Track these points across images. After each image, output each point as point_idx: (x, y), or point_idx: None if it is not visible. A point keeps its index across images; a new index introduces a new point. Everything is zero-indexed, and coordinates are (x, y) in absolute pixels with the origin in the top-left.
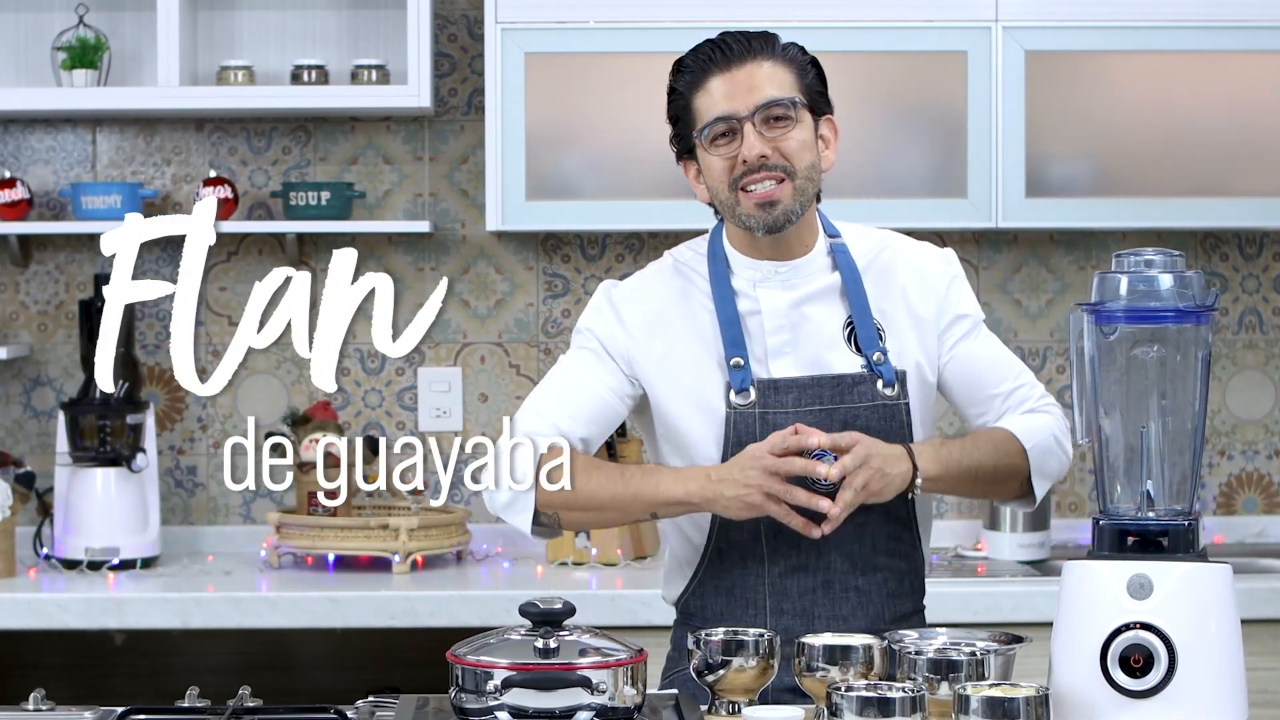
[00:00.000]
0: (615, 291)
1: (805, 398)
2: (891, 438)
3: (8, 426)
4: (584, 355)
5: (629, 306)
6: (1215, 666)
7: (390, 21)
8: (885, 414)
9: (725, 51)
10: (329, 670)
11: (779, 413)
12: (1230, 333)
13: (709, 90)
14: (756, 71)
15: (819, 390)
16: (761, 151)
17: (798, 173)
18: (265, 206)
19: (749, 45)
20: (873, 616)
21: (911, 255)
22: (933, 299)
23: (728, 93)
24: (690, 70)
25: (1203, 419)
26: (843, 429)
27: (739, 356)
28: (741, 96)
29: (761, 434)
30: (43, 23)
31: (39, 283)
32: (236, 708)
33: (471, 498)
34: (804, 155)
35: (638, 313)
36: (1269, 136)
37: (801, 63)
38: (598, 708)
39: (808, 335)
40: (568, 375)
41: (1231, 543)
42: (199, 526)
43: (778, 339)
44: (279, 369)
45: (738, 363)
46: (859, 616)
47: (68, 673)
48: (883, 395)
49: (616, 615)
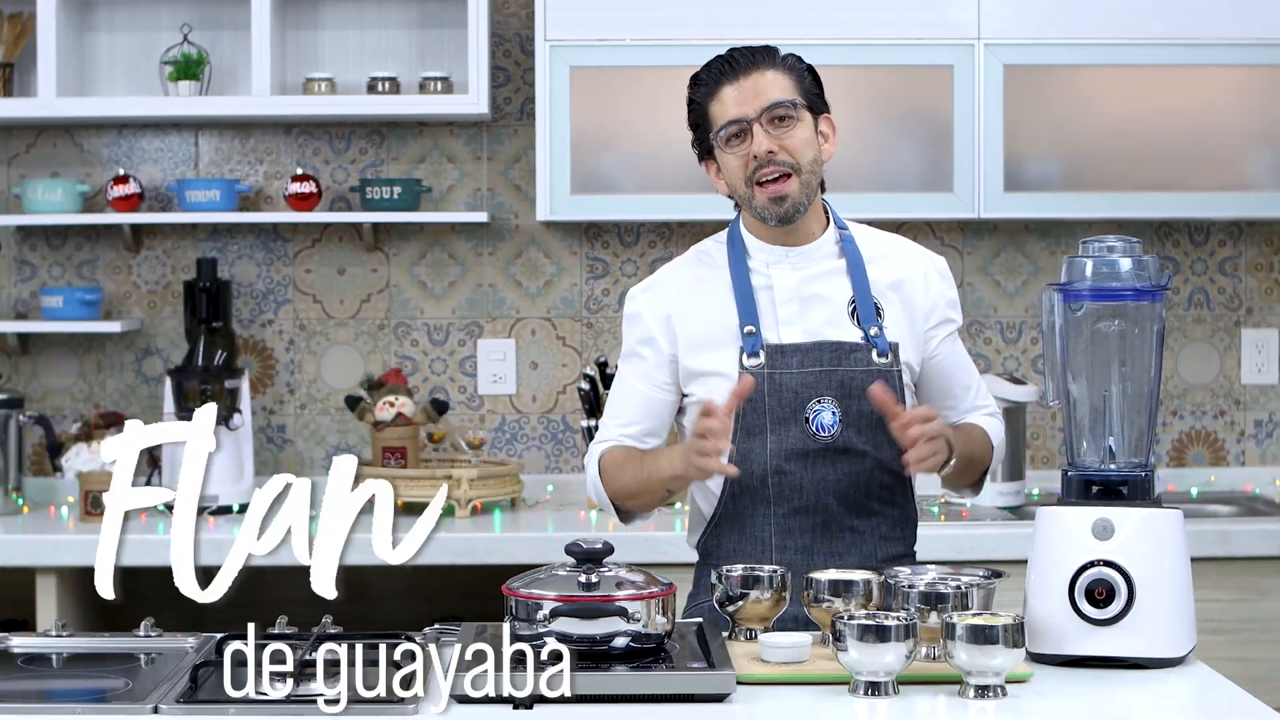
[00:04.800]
0: (636, 290)
1: (808, 360)
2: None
3: (122, 390)
4: (630, 365)
5: (652, 293)
6: (1168, 598)
7: (453, 39)
8: (878, 378)
9: (733, 64)
10: (400, 602)
11: (784, 373)
12: (1181, 309)
13: (721, 98)
14: (761, 79)
15: (820, 354)
16: (769, 148)
17: (802, 168)
18: (345, 200)
19: (753, 57)
20: (865, 555)
21: (913, 256)
22: (928, 297)
23: (738, 99)
24: (704, 83)
25: (1157, 384)
26: (840, 390)
27: (751, 325)
28: (749, 101)
29: (770, 394)
30: (152, 41)
31: (149, 266)
32: (320, 634)
33: (524, 452)
34: (806, 151)
35: (660, 297)
36: (1215, 139)
37: (799, 69)
38: (633, 634)
39: (814, 309)
40: (621, 386)
41: (1181, 491)
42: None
43: (787, 310)
44: (356, 340)
45: (750, 330)
46: (853, 554)
47: (173, 604)
48: (876, 363)
49: (649, 554)
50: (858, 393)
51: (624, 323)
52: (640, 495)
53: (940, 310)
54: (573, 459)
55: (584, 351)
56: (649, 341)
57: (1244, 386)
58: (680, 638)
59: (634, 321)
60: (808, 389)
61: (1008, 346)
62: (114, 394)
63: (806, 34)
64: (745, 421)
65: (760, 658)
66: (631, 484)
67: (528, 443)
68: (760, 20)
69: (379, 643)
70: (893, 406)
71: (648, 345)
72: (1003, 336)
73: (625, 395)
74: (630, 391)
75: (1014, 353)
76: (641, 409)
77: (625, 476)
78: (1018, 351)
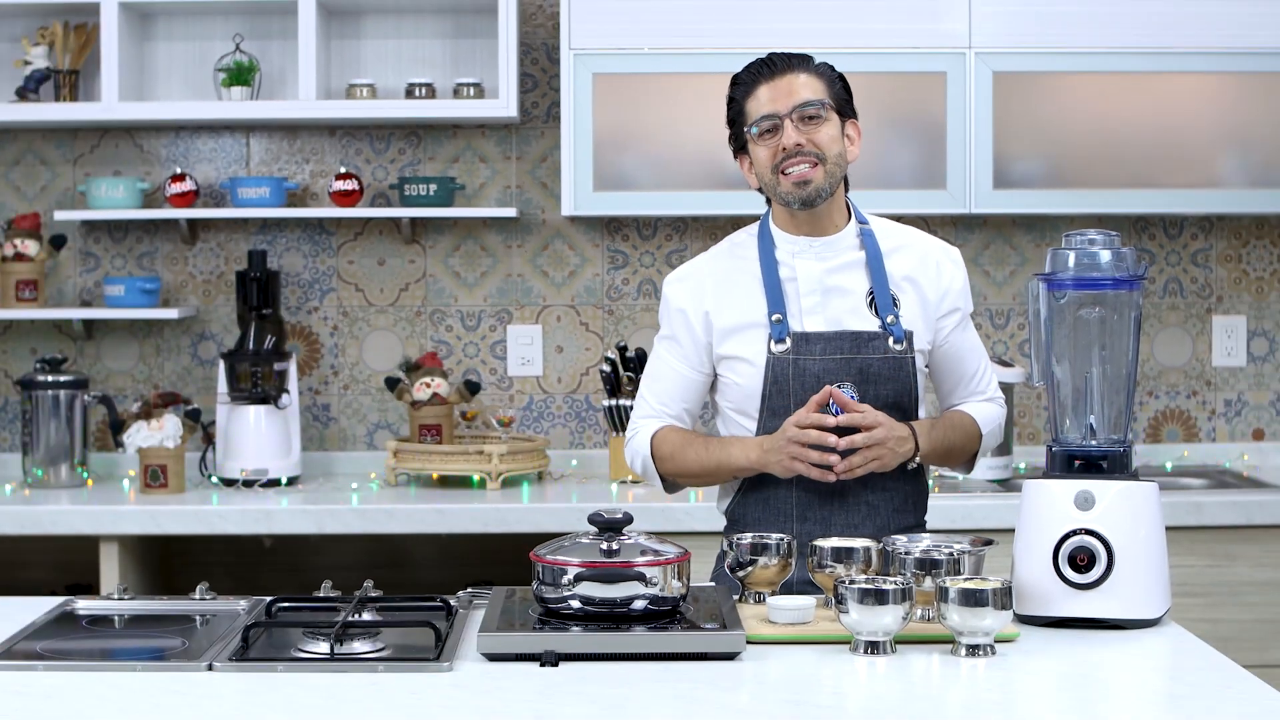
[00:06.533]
0: (674, 278)
1: (830, 348)
2: (898, 385)
3: (179, 373)
4: (665, 345)
5: (689, 284)
6: (1144, 564)
7: (485, 48)
8: (895, 365)
9: (770, 66)
10: (435, 568)
11: (808, 359)
12: (1156, 297)
13: (757, 96)
14: (795, 80)
15: (841, 343)
16: (798, 141)
17: (828, 159)
18: (385, 196)
19: (789, 61)
20: (879, 526)
21: (928, 248)
22: (940, 286)
23: (771, 97)
24: (743, 82)
25: (1135, 366)
26: (859, 376)
27: (779, 313)
28: (782, 99)
29: (794, 377)
30: (206, 50)
31: (204, 257)
32: (362, 597)
33: (550, 430)
34: (833, 146)
35: (697, 288)
36: (1188, 141)
37: (831, 76)
38: (651, 597)
39: (835, 299)
40: (658, 365)
41: (1157, 465)
42: (332, 452)
43: (810, 300)
44: (395, 326)
45: (778, 318)
46: (868, 525)
47: (226, 570)
48: (893, 350)
49: (666, 523)
50: (875, 378)
51: (661, 305)
52: (702, 476)
53: (951, 299)
54: (595, 435)
55: (605, 336)
56: (687, 328)
57: (1214, 369)
58: (695, 600)
59: (672, 309)
60: (829, 374)
61: (997, 332)
62: (171, 376)
63: (811, 44)
64: (772, 403)
65: (768, 619)
66: (694, 466)
67: (553, 420)
68: (768, 31)
69: (416, 605)
70: (856, 406)
71: (685, 331)
72: (992, 323)
73: (663, 374)
74: (668, 371)
75: (1002, 338)
76: (679, 389)
77: (686, 459)
78: (1005, 336)
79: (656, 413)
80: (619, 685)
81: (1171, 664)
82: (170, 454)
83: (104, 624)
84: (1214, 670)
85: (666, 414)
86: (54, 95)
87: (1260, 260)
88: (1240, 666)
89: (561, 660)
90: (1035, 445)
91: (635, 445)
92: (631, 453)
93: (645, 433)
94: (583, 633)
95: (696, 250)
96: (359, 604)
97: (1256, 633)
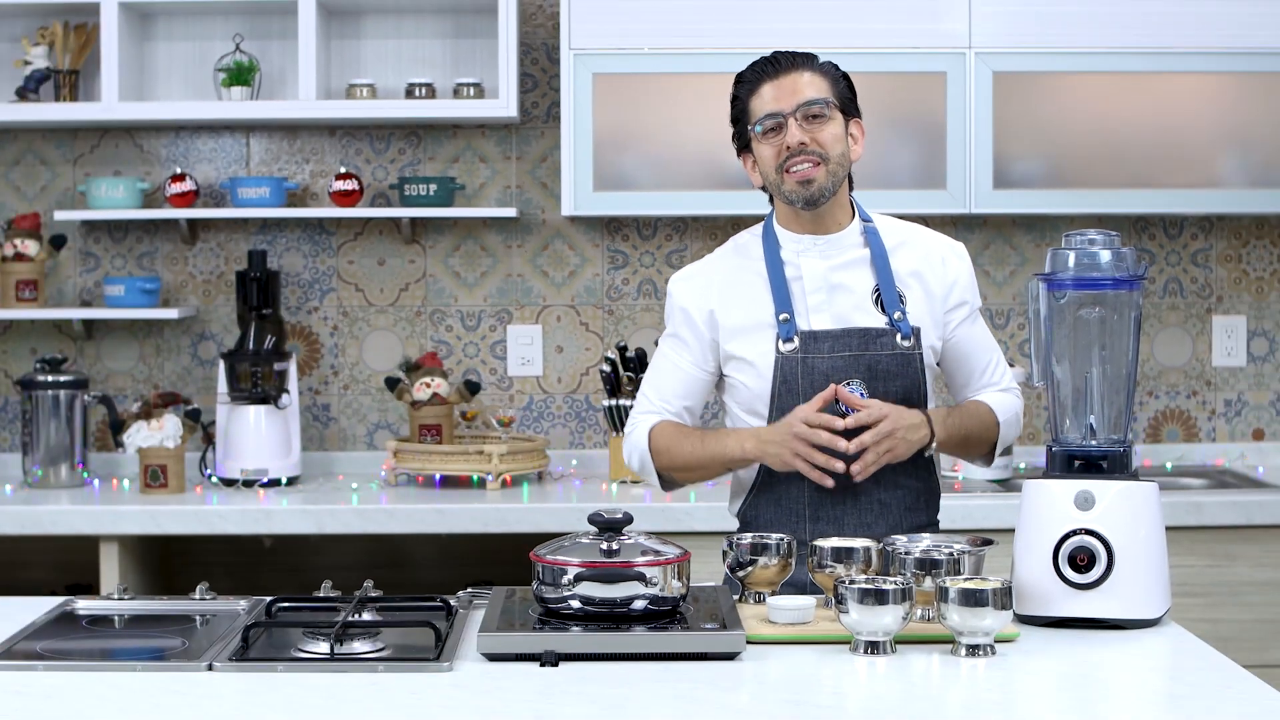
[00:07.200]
0: (680, 277)
1: (838, 346)
2: (907, 381)
3: (179, 372)
4: (670, 343)
5: (696, 284)
6: (1144, 564)
7: (485, 48)
8: (902, 361)
9: (775, 64)
10: (435, 568)
11: (816, 358)
12: (1156, 297)
13: (761, 94)
14: (799, 79)
15: (849, 340)
16: (801, 139)
17: (830, 158)
18: (385, 196)
19: (793, 59)
20: (891, 525)
21: (933, 243)
22: (945, 281)
23: (775, 95)
24: (748, 80)
25: (1134, 366)
26: (868, 372)
27: (786, 312)
28: (786, 98)
29: (803, 376)
30: (207, 50)
31: (204, 257)
32: (361, 597)
33: (550, 430)
34: (836, 145)
35: (703, 289)
36: (1187, 141)
37: (835, 75)
38: (651, 597)
39: (841, 297)
40: (662, 362)
41: (1157, 465)
42: (332, 452)
43: (816, 298)
44: (395, 326)
45: (785, 317)
46: (880, 524)
47: (226, 569)
48: (900, 346)
49: (666, 523)
50: (884, 375)
51: (667, 303)
52: (696, 470)
53: (957, 293)
54: (595, 435)
55: (605, 336)
56: (691, 325)
57: (1214, 369)
58: (694, 600)
59: (678, 308)
60: (838, 372)
61: (997, 331)
62: (171, 376)
63: (811, 43)
64: (781, 402)
65: (768, 619)
66: (689, 459)
67: (553, 420)
68: (768, 31)
69: (416, 605)
70: (861, 404)
71: (689, 328)
72: (992, 322)
73: (668, 371)
74: (672, 369)
75: (1003, 338)
76: (683, 386)
77: (681, 451)
78: (1006, 336)
79: (656, 409)
80: (619, 685)
81: (1171, 664)
82: (170, 454)
83: (104, 624)
84: (1214, 670)
85: (667, 410)
86: (54, 95)
87: (1260, 260)
88: (1240, 666)
89: (561, 660)
90: (1036, 445)
91: (633, 440)
92: (629, 448)
93: (643, 427)
94: (583, 633)
95: (697, 250)
96: (359, 604)
97: (1256, 633)
